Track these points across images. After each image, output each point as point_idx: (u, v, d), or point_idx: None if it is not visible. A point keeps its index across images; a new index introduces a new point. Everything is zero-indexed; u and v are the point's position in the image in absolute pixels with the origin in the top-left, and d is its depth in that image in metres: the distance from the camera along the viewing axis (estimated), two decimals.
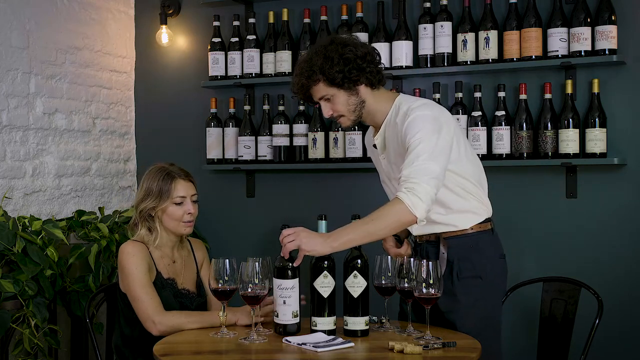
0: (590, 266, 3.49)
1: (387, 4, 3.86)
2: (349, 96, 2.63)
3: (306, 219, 3.79)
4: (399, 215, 2.45)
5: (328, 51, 2.59)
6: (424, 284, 2.46)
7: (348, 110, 2.65)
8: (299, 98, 2.78)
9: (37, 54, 3.85)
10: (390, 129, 2.67)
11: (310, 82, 2.62)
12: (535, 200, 3.62)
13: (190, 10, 4.37)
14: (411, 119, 2.54)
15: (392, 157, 2.68)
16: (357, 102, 2.64)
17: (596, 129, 3.40)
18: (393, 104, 2.67)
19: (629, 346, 3.46)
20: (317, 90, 2.64)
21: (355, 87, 2.62)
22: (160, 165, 2.92)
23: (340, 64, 2.58)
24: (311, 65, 2.61)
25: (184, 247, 3.00)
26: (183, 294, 2.88)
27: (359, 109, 2.65)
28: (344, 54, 2.58)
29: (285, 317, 2.51)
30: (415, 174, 2.45)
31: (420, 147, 2.49)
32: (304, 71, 2.62)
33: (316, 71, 2.59)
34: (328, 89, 2.62)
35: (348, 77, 2.59)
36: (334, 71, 2.58)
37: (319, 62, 2.59)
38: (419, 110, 2.57)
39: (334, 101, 2.64)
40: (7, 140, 3.68)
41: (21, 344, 3.35)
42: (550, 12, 3.52)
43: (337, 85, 2.60)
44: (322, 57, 2.59)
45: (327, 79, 2.59)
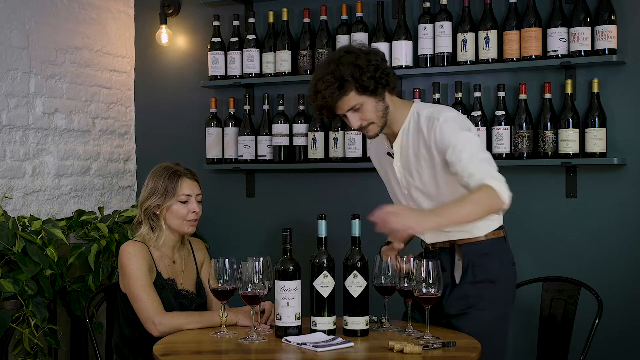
0: (590, 266, 3.49)
1: (387, 4, 3.86)
2: (377, 102, 2.60)
3: (306, 219, 3.81)
4: (491, 200, 2.42)
5: (354, 60, 2.56)
6: (424, 284, 2.46)
7: (378, 117, 2.61)
8: (323, 115, 2.66)
9: (37, 54, 3.85)
10: (409, 136, 2.66)
11: (341, 94, 2.55)
12: (535, 200, 3.62)
13: (190, 10, 4.37)
14: (442, 124, 2.56)
15: (413, 164, 2.66)
16: (384, 108, 2.62)
17: (596, 129, 3.40)
18: (410, 111, 2.67)
19: (629, 346, 3.46)
20: (347, 101, 2.57)
21: (383, 94, 2.60)
22: (166, 165, 2.93)
23: (371, 71, 2.55)
24: (340, 76, 2.54)
25: (184, 247, 3.01)
26: (183, 295, 2.88)
27: (386, 115, 2.63)
28: (371, 61, 2.56)
29: (288, 319, 2.51)
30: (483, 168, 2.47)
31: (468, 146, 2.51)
32: (332, 82, 2.55)
33: (349, 80, 2.54)
34: (359, 98, 2.57)
35: (380, 82, 2.56)
36: (366, 78, 2.54)
37: (349, 71, 2.54)
38: (444, 114, 2.59)
39: (364, 110, 2.59)
40: (7, 140, 3.68)
41: (21, 344, 3.35)
42: (550, 12, 3.52)
43: (369, 92, 2.57)
44: (351, 66, 2.55)
45: (360, 87, 2.55)
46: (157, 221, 2.88)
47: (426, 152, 2.61)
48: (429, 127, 2.59)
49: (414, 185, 2.68)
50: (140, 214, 2.91)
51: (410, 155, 2.67)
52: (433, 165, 2.62)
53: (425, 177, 2.65)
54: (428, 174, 2.64)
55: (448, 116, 2.59)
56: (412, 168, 2.67)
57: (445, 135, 2.55)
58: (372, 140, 2.84)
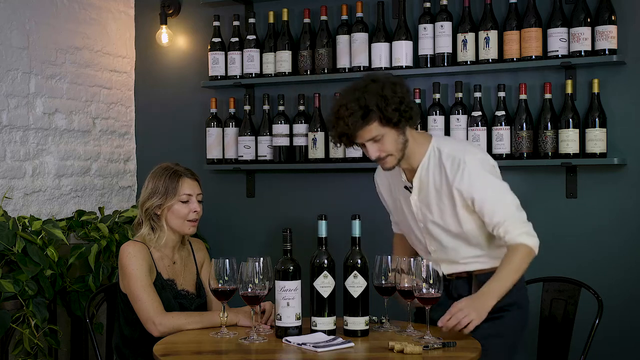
0: (590, 266, 3.49)
1: (387, 4, 3.86)
2: (398, 135, 2.59)
3: (306, 219, 3.81)
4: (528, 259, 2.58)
5: (380, 89, 2.54)
6: (424, 284, 2.46)
7: (397, 149, 2.60)
8: (342, 141, 2.63)
9: (37, 54, 3.85)
10: (429, 171, 2.67)
11: (364, 123, 2.53)
12: (535, 200, 3.61)
13: (190, 10, 4.37)
14: (469, 169, 2.60)
15: (433, 199, 2.68)
16: (404, 141, 2.61)
17: (596, 129, 3.40)
18: (429, 146, 2.67)
19: (629, 346, 3.46)
20: (369, 130, 2.55)
21: (404, 127, 2.60)
22: (166, 165, 2.94)
23: (395, 102, 2.54)
24: (365, 104, 2.52)
25: (184, 247, 3.00)
26: (183, 295, 2.88)
27: (405, 148, 2.62)
28: (397, 92, 2.55)
29: (288, 319, 2.51)
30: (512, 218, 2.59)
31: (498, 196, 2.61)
32: (356, 112, 2.52)
33: (374, 110, 2.52)
34: (381, 129, 2.55)
35: (403, 115, 2.55)
36: (390, 109, 2.53)
37: (374, 100, 2.52)
38: (469, 156, 2.62)
39: (384, 141, 2.58)
40: (7, 140, 3.68)
41: (21, 344, 3.35)
42: (550, 12, 3.52)
43: (391, 124, 2.55)
44: (377, 95, 2.53)
45: (383, 117, 2.53)
46: (157, 221, 2.88)
47: (448, 191, 2.64)
48: (452, 168, 2.61)
49: (432, 219, 2.70)
50: (140, 214, 2.91)
51: (430, 191, 2.68)
52: (454, 204, 2.65)
53: (447, 215, 2.68)
54: (450, 212, 2.67)
55: (472, 159, 2.61)
56: (431, 203, 2.69)
57: (473, 183, 2.59)
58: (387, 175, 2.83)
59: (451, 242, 2.70)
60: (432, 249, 2.74)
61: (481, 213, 2.61)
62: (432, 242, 2.73)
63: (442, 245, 2.72)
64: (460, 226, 2.67)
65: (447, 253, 2.72)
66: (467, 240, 2.70)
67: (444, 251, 2.73)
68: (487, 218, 2.60)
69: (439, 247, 2.73)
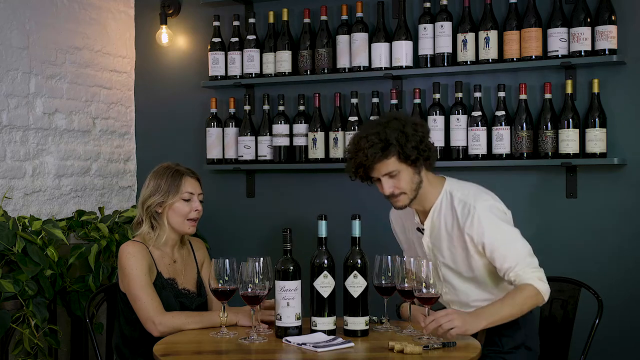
0: (590, 266, 3.49)
1: (387, 4, 3.86)
2: (413, 174, 2.63)
3: (306, 219, 3.81)
4: (535, 300, 2.57)
5: (401, 126, 2.58)
6: (423, 284, 2.47)
7: (411, 188, 2.64)
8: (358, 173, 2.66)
9: (37, 54, 3.85)
10: (440, 215, 2.71)
11: (383, 157, 2.57)
12: (535, 200, 3.62)
13: (190, 10, 4.37)
14: (479, 215, 2.62)
15: (445, 242, 2.71)
16: (419, 181, 2.65)
17: (596, 129, 3.39)
18: (442, 189, 2.71)
19: (629, 346, 3.46)
20: (385, 165, 2.59)
21: (421, 167, 2.63)
22: (167, 164, 2.96)
23: (415, 140, 2.58)
24: (386, 136, 2.56)
25: (184, 247, 3.01)
26: (183, 294, 2.88)
27: (418, 188, 2.66)
28: (417, 131, 2.59)
29: (288, 319, 2.51)
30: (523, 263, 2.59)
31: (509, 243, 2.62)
32: (376, 142, 2.56)
33: (394, 144, 2.56)
34: (398, 165, 2.59)
35: (421, 154, 2.59)
36: (410, 146, 2.57)
37: (394, 135, 2.56)
38: (480, 203, 2.65)
39: (400, 178, 2.61)
40: (7, 140, 3.68)
41: (21, 344, 3.35)
42: (550, 12, 3.52)
43: (409, 161, 2.59)
44: (398, 131, 2.57)
45: (402, 153, 2.57)
46: (158, 219, 2.89)
47: (460, 235, 2.67)
48: (463, 213, 2.65)
49: (443, 262, 2.73)
50: (140, 212, 2.91)
51: (442, 235, 2.71)
52: (466, 248, 2.68)
53: (458, 258, 2.71)
54: (461, 256, 2.70)
55: (484, 206, 2.65)
56: (442, 246, 2.72)
57: (483, 229, 2.61)
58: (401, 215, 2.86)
59: (462, 285, 2.74)
60: (444, 291, 2.74)
61: (492, 259, 2.64)
62: (444, 284, 2.74)
63: (453, 287, 2.76)
64: (472, 270, 2.71)
65: (458, 295, 2.75)
66: (478, 284, 2.73)
67: (455, 293, 2.77)
68: (498, 264, 2.63)
69: (451, 289, 2.77)
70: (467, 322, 2.44)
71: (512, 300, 2.55)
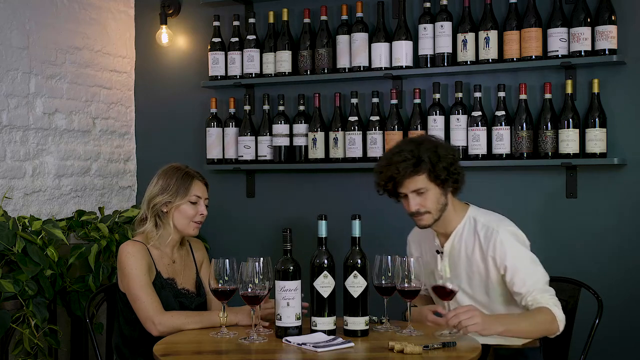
0: (590, 266, 3.49)
1: (387, 4, 3.86)
2: (440, 195, 2.69)
3: (306, 219, 3.81)
4: (551, 325, 2.60)
5: (434, 147, 2.66)
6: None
7: (436, 208, 2.70)
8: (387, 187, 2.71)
9: (37, 54, 3.85)
10: (462, 238, 2.76)
11: (413, 172, 2.63)
12: (535, 200, 3.62)
13: (190, 10, 4.36)
14: (502, 238, 2.68)
15: (463, 266, 2.75)
16: (444, 203, 2.71)
17: (596, 129, 3.39)
18: (466, 215, 2.77)
19: (629, 346, 3.46)
20: (415, 181, 2.65)
21: (448, 189, 2.69)
22: (177, 165, 2.98)
23: (446, 162, 2.65)
24: (419, 153, 2.63)
25: (183, 247, 3.01)
26: (183, 294, 2.88)
27: (443, 210, 2.72)
28: (449, 154, 2.67)
29: (288, 319, 2.51)
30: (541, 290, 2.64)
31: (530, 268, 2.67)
32: (409, 158, 2.63)
33: (425, 161, 2.62)
34: (427, 183, 2.65)
35: (450, 177, 2.66)
36: (441, 166, 2.63)
37: (428, 154, 2.63)
38: (503, 227, 2.72)
39: (427, 196, 2.67)
40: (7, 140, 3.68)
41: (21, 344, 3.35)
42: (550, 12, 3.51)
43: (438, 181, 2.65)
44: (431, 151, 2.64)
45: (433, 172, 2.63)
46: (163, 219, 2.89)
47: (481, 259, 2.72)
48: (486, 236, 2.70)
49: (459, 285, 2.73)
50: (145, 209, 2.92)
51: (461, 257, 2.75)
52: (487, 272, 2.72)
53: (475, 283, 2.75)
54: (478, 281, 2.75)
55: (507, 230, 2.71)
56: (460, 270, 2.76)
57: (506, 252, 2.66)
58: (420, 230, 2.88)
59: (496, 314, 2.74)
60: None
61: (511, 282, 2.67)
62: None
63: None
64: (487, 295, 2.75)
65: None
66: (493, 310, 2.75)
67: None
68: (516, 287, 2.67)
69: None
70: (485, 322, 2.48)
71: (530, 318, 2.61)
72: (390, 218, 3.83)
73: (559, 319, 2.61)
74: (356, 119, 3.81)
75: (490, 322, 2.51)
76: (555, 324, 2.61)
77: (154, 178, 2.96)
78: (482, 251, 2.71)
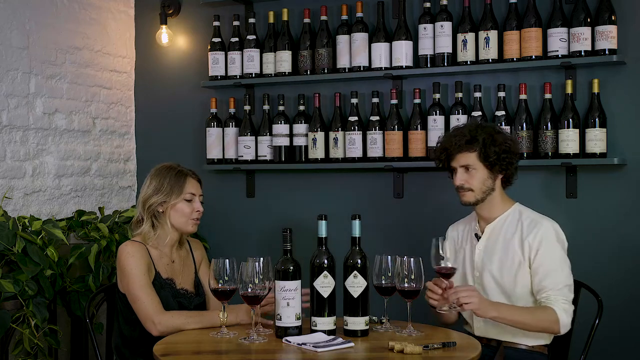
0: (590, 266, 3.49)
1: (387, 4, 3.86)
2: (487, 177, 2.81)
3: (306, 219, 3.81)
4: (550, 325, 2.69)
5: (494, 132, 2.81)
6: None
7: (480, 189, 2.81)
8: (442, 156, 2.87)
9: (37, 54, 3.85)
10: (504, 224, 2.85)
11: (465, 147, 2.79)
12: (535, 200, 3.61)
13: (190, 10, 4.37)
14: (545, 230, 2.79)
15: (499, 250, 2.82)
16: (490, 187, 2.82)
17: (596, 129, 3.39)
18: (513, 206, 2.90)
19: (629, 346, 3.46)
20: (466, 157, 2.80)
21: (497, 174, 2.80)
22: (169, 164, 2.97)
23: (500, 147, 2.77)
24: (476, 134, 2.78)
25: (182, 247, 3.01)
26: (182, 294, 2.88)
27: (487, 193, 2.83)
28: (506, 143, 2.79)
29: (288, 319, 2.51)
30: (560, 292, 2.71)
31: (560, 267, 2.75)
32: (465, 135, 2.79)
33: (479, 140, 2.76)
34: (476, 162, 2.79)
35: (499, 162, 2.78)
36: (492, 149, 2.76)
37: (484, 135, 2.79)
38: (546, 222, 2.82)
39: (473, 175, 2.80)
40: (7, 140, 3.68)
41: (21, 344, 3.35)
42: (550, 12, 3.51)
43: (487, 162, 2.77)
44: (489, 134, 2.78)
45: (483, 152, 2.76)
46: (159, 219, 2.89)
47: (518, 245, 2.79)
48: (530, 226, 2.81)
49: (490, 270, 2.82)
50: (140, 211, 2.92)
51: (499, 242, 2.83)
52: (520, 262, 2.78)
53: (505, 269, 2.81)
54: (510, 268, 2.80)
55: (551, 225, 2.81)
56: (495, 254, 2.83)
57: (543, 243, 2.76)
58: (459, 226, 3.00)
59: (499, 299, 2.80)
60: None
61: (535, 272, 2.75)
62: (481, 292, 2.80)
63: (487, 297, 2.80)
64: (515, 284, 2.79)
65: None
66: (513, 303, 2.78)
67: None
68: (537, 278, 2.74)
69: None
70: (482, 303, 2.59)
71: (530, 313, 2.69)
72: (391, 218, 3.83)
73: (562, 323, 2.68)
74: (356, 119, 3.81)
75: (486, 305, 2.61)
76: (556, 326, 2.68)
77: (147, 179, 2.96)
78: (522, 238, 2.79)
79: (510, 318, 2.65)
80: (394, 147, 3.72)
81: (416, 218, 3.81)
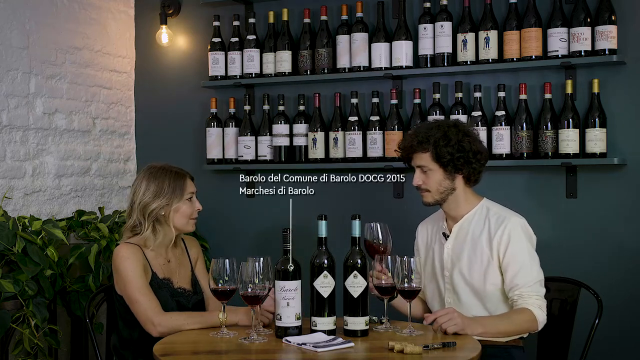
0: (590, 266, 3.49)
1: (387, 4, 3.86)
2: (444, 178, 2.77)
3: (306, 219, 3.80)
4: (530, 325, 2.71)
5: (449, 131, 2.74)
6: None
7: (437, 190, 2.78)
8: (401, 154, 2.87)
9: (37, 54, 3.85)
10: (471, 222, 2.82)
11: (419, 148, 2.76)
12: (535, 200, 3.62)
13: (190, 10, 4.36)
14: (512, 227, 2.75)
15: (467, 248, 2.80)
16: (449, 187, 2.78)
17: (596, 129, 3.39)
18: (479, 203, 2.84)
19: (629, 346, 3.46)
20: (420, 158, 2.78)
21: (454, 174, 2.76)
22: (160, 166, 2.92)
23: (453, 148, 2.73)
24: (428, 135, 2.74)
25: (177, 245, 2.99)
26: (179, 293, 2.87)
27: (446, 193, 2.79)
28: (461, 142, 2.74)
29: (288, 319, 2.51)
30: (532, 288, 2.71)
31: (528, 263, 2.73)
32: (419, 136, 2.76)
33: (430, 142, 2.73)
34: (430, 163, 2.76)
35: (454, 162, 2.74)
36: (445, 150, 2.72)
37: (437, 135, 2.73)
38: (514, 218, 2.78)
39: (429, 176, 2.77)
40: (7, 140, 3.68)
41: (21, 344, 3.35)
42: (550, 12, 3.51)
43: (440, 163, 2.74)
44: (442, 133, 2.73)
45: (435, 153, 2.73)
46: (161, 222, 2.86)
47: (486, 244, 2.77)
48: (497, 223, 2.77)
49: (459, 268, 2.80)
50: (138, 216, 2.86)
51: (467, 241, 2.81)
52: (488, 258, 2.77)
53: (475, 268, 2.79)
54: (479, 266, 2.78)
55: (518, 222, 2.78)
56: (463, 252, 2.81)
57: (511, 240, 2.74)
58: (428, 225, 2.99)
59: (469, 299, 2.80)
60: (448, 301, 2.83)
61: (505, 270, 2.74)
62: (451, 295, 2.83)
63: (459, 299, 2.81)
64: (484, 283, 2.77)
65: (460, 309, 2.76)
66: (483, 303, 2.79)
67: (458, 305, 2.79)
68: (508, 276, 2.73)
69: (456, 300, 2.82)
70: (465, 323, 2.55)
71: (509, 320, 2.69)
72: (391, 218, 3.83)
73: (539, 320, 2.70)
74: (356, 119, 3.81)
75: (470, 323, 2.58)
76: (534, 324, 2.70)
77: (140, 183, 2.87)
78: (490, 235, 2.77)
79: (496, 330, 2.65)
80: (394, 147, 3.72)
81: (416, 218, 3.80)
